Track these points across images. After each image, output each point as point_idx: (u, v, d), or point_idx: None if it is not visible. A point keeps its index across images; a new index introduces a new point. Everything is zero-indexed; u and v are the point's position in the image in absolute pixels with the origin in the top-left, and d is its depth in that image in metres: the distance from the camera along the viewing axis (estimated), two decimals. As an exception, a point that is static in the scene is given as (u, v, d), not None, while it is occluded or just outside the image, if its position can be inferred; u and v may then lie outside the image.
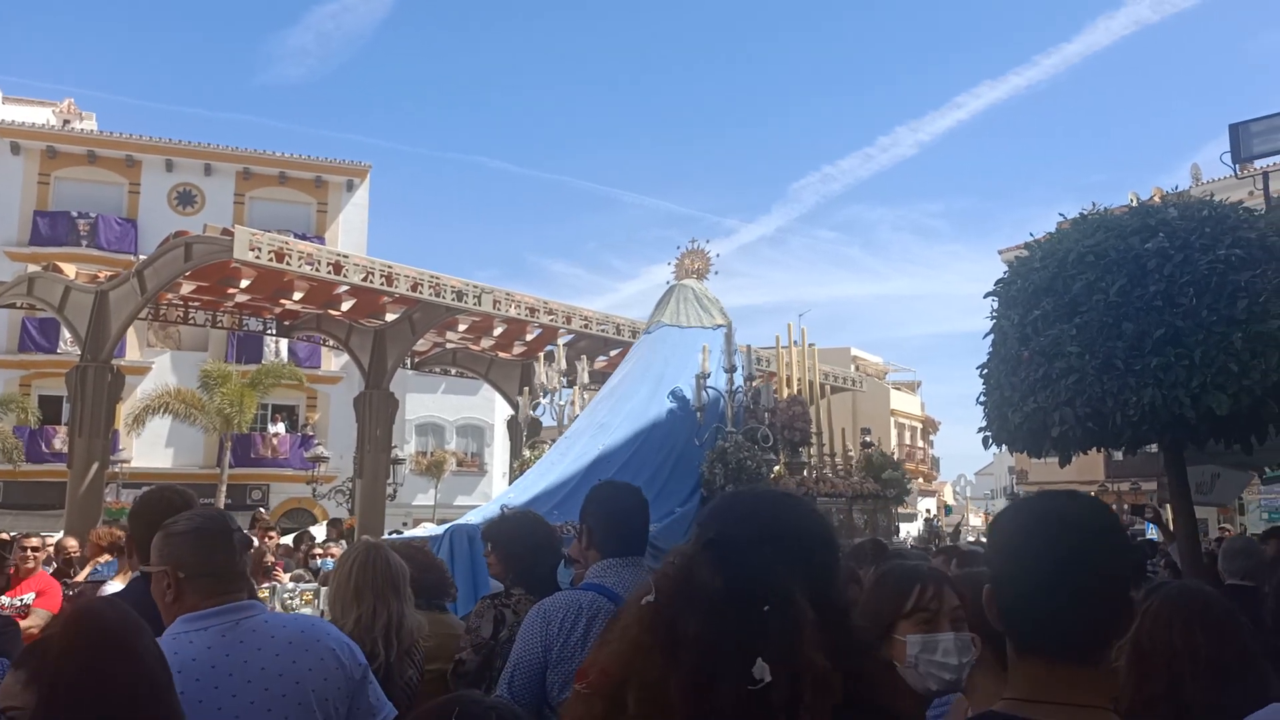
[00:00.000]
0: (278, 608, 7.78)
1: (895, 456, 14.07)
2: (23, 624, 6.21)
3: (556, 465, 9.13)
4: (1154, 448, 6.93)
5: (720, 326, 10.53)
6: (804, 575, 1.47)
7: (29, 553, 7.03)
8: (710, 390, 9.60)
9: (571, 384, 12.16)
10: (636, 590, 1.56)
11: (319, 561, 9.73)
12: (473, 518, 7.68)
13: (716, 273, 11.48)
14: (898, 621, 2.30)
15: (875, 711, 1.49)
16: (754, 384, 10.29)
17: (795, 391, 10.55)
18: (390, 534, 9.91)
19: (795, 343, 11.02)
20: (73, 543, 9.25)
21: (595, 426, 9.64)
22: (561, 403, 11.61)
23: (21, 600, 6.71)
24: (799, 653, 1.37)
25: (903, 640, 2.28)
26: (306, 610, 7.66)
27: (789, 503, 1.69)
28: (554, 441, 10.46)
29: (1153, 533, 21.06)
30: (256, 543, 10.72)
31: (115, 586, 5.14)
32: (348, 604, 3.47)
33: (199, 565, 2.42)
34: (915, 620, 2.31)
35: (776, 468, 9.68)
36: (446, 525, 7.60)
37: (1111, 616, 1.50)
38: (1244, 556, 5.46)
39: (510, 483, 11.15)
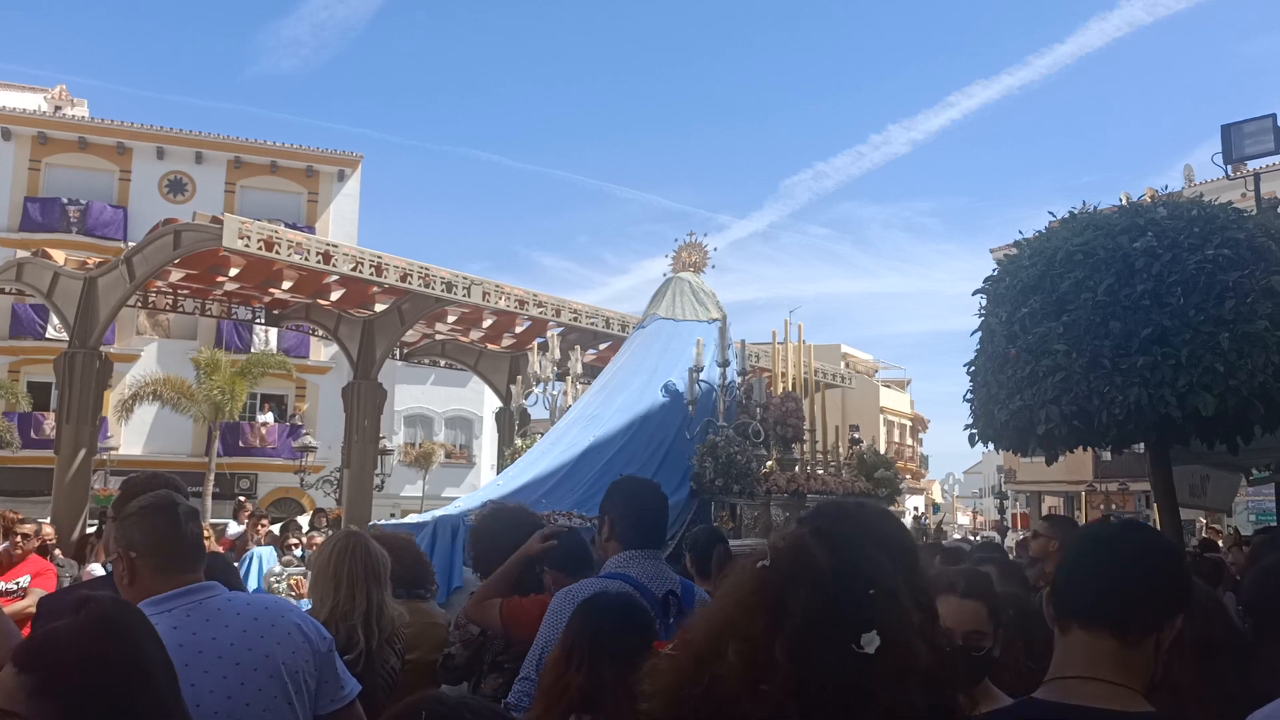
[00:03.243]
0: (263, 588, 7.80)
1: (884, 454, 14.06)
2: (19, 605, 6.32)
3: (547, 454, 9.12)
4: (1140, 447, 6.94)
5: (715, 320, 10.50)
6: (905, 579, 1.53)
7: (19, 539, 7.05)
8: (703, 384, 9.58)
9: (564, 375, 12.13)
10: (749, 556, 1.63)
11: (298, 551, 9.70)
12: (458, 507, 7.66)
13: (714, 266, 11.48)
14: None
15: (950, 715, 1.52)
16: (746, 379, 10.27)
17: (789, 387, 10.53)
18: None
19: (790, 339, 11.01)
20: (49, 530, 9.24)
21: (587, 418, 9.62)
22: (554, 393, 11.58)
23: (17, 583, 6.76)
24: (906, 639, 1.43)
25: None
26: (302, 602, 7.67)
27: (887, 515, 1.78)
28: (544, 434, 10.45)
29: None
30: (244, 530, 10.70)
31: None
32: (326, 591, 3.47)
33: (148, 544, 2.46)
34: None
35: (768, 464, 9.66)
36: (431, 514, 7.55)
37: (1152, 588, 1.52)
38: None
39: (499, 473, 11.12)
